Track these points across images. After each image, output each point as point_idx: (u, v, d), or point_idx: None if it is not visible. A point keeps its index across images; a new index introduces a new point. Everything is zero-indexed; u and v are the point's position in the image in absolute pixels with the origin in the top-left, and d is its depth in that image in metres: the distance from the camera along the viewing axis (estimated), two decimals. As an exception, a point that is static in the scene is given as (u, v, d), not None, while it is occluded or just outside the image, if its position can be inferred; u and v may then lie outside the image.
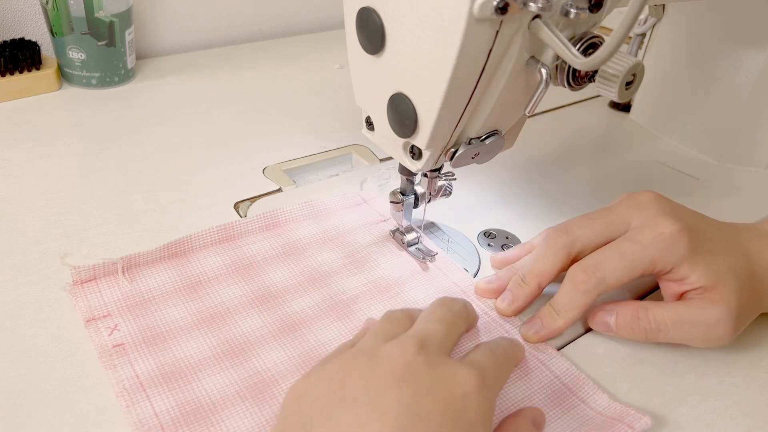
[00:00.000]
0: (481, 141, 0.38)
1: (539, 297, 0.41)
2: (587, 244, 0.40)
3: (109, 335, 0.37)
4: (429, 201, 0.45)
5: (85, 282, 0.40)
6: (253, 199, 0.51)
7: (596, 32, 0.34)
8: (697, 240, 0.38)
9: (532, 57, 0.34)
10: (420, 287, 0.44)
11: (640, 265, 0.38)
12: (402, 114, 0.36)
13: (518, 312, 0.41)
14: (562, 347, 0.41)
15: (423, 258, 0.45)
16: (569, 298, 0.39)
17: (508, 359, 0.35)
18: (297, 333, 0.39)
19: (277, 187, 0.53)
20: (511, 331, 0.41)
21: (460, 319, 0.35)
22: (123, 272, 0.41)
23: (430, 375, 0.29)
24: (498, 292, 0.42)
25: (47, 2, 0.60)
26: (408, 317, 0.35)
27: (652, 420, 0.35)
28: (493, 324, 0.41)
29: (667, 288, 0.40)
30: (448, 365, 0.30)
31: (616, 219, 0.40)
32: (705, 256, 0.38)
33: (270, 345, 0.38)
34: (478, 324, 0.40)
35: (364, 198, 0.51)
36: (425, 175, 0.43)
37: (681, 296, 0.39)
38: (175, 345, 0.37)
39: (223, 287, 0.41)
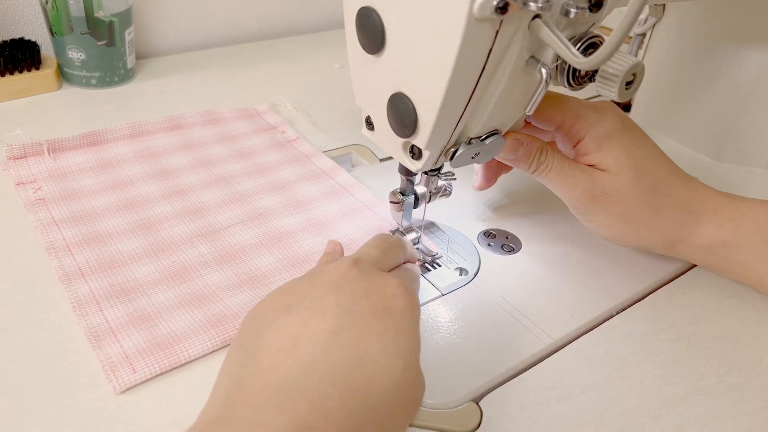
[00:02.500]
0: (481, 141, 0.38)
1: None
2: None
3: (33, 193, 0.47)
4: (429, 200, 0.45)
5: (18, 158, 0.50)
6: (253, 199, 0.51)
7: (596, 32, 0.34)
8: (623, 135, 0.43)
9: (532, 57, 0.34)
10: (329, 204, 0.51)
11: (569, 113, 0.43)
12: (402, 114, 0.36)
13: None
14: (561, 348, 0.41)
15: (423, 258, 0.45)
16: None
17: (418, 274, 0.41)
18: (199, 215, 0.48)
19: (277, 187, 0.53)
20: None
21: (395, 246, 0.38)
22: (48, 152, 0.51)
23: (363, 282, 0.33)
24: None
25: (47, 2, 0.60)
26: (342, 251, 0.42)
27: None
28: None
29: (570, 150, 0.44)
30: (379, 275, 0.34)
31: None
32: (619, 149, 0.42)
33: (174, 222, 0.47)
34: None
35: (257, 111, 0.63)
36: (426, 173, 0.43)
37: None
38: (87, 202, 0.47)
39: (131, 167, 0.52)
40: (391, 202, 0.45)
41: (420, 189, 0.44)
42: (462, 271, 0.46)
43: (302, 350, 0.29)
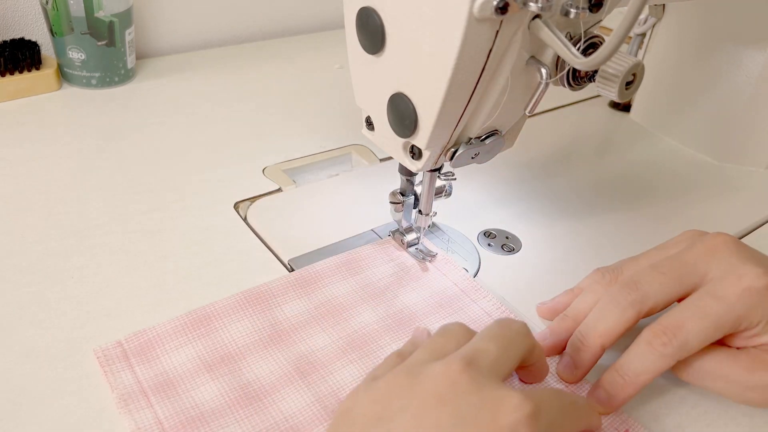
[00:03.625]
0: (481, 141, 0.38)
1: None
2: (659, 302, 0.35)
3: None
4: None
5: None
6: (253, 199, 0.51)
7: (596, 32, 0.34)
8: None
9: (532, 57, 0.34)
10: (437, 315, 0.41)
11: (726, 325, 0.33)
12: (402, 114, 0.36)
13: (581, 378, 0.37)
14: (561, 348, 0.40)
15: (423, 258, 0.45)
16: (642, 361, 0.34)
17: (576, 409, 0.31)
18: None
19: (277, 187, 0.53)
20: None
21: (519, 338, 0.31)
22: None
23: (474, 398, 0.26)
24: (554, 349, 0.38)
25: (47, 2, 0.60)
26: (464, 332, 0.32)
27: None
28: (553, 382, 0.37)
29: (735, 341, 0.35)
30: (496, 389, 0.27)
31: (690, 270, 0.35)
32: None
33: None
34: None
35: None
36: (434, 169, 0.41)
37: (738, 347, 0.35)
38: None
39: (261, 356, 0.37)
40: (391, 202, 0.45)
41: (420, 189, 0.44)
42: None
43: None
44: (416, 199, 0.45)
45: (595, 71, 0.35)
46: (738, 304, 0.33)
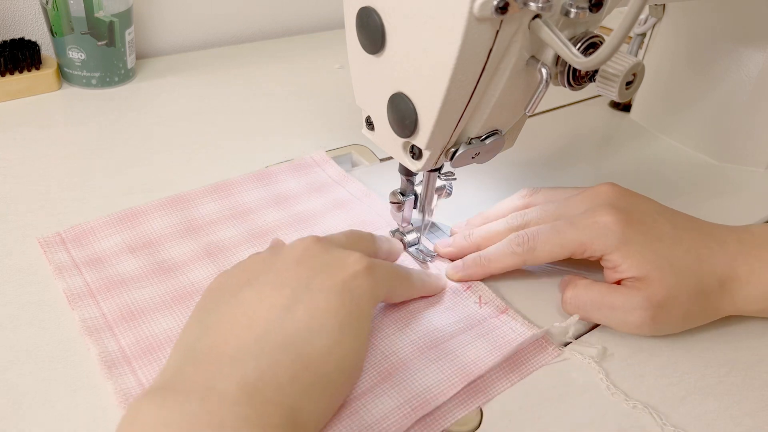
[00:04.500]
0: (482, 141, 0.38)
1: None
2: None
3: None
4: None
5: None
6: (253, 199, 0.51)
7: (596, 32, 0.34)
8: (635, 232, 0.39)
9: (533, 57, 0.34)
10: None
11: (570, 245, 0.40)
12: (402, 114, 0.36)
13: (450, 258, 0.45)
14: (563, 347, 0.41)
15: (423, 259, 0.45)
16: (499, 253, 0.42)
17: (409, 274, 0.40)
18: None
19: (277, 187, 0.53)
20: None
21: (364, 237, 0.39)
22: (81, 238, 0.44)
23: (324, 257, 0.33)
24: (449, 257, 0.45)
25: (47, 2, 0.60)
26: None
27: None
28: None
29: (606, 275, 0.41)
30: (340, 251, 0.34)
31: (572, 206, 0.42)
32: (642, 247, 0.39)
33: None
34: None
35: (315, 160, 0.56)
36: (434, 169, 0.43)
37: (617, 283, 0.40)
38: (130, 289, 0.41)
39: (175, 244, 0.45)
40: (391, 202, 0.45)
41: (420, 189, 0.44)
42: (462, 271, 0.46)
43: (257, 323, 0.30)
44: (416, 199, 0.45)
45: (596, 71, 0.35)
46: (584, 231, 0.39)
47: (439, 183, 0.44)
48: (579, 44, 0.33)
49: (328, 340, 0.30)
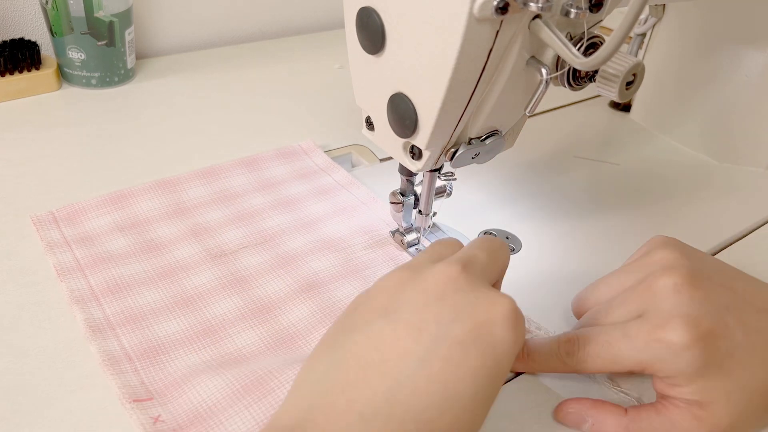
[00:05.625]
0: (482, 141, 0.38)
1: None
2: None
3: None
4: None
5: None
6: (253, 199, 0.51)
7: (596, 32, 0.34)
8: (709, 353, 0.32)
9: (533, 57, 0.34)
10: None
11: (625, 364, 0.33)
12: (402, 114, 0.36)
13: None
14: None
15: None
16: (544, 353, 0.36)
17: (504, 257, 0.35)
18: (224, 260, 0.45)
19: (277, 187, 0.53)
20: None
21: (502, 250, 0.34)
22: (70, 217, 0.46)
23: (470, 295, 0.29)
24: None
25: (47, 2, 0.60)
26: (456, 243, 0.35)
27: None
28: None
29: (656, 385, 0.34)
30: (488, 289, 0.30)
31: (622, 301, 0.35)
32: (712, 371, 0.32)
33: (200, 269, 0.44)
34: None
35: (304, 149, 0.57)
36: (434, 169, 0.42)
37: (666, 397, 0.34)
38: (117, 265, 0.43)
39: (161, 225, 0.47)
40: (391, 202, 0.45)
41: (420, 189, 0.44)
42: (462, 271, 0.46)
43: (389, 372, 0.27)
44: (416, 199, 0.45)
45: (596, 71, 0.35)
46: (644, 350, 0.32)
47: (439, 183, 0.44)
48: (579, 44, 0.33)
49: (461, 412, 0.27)
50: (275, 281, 0.43)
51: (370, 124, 0.41)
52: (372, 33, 0.35)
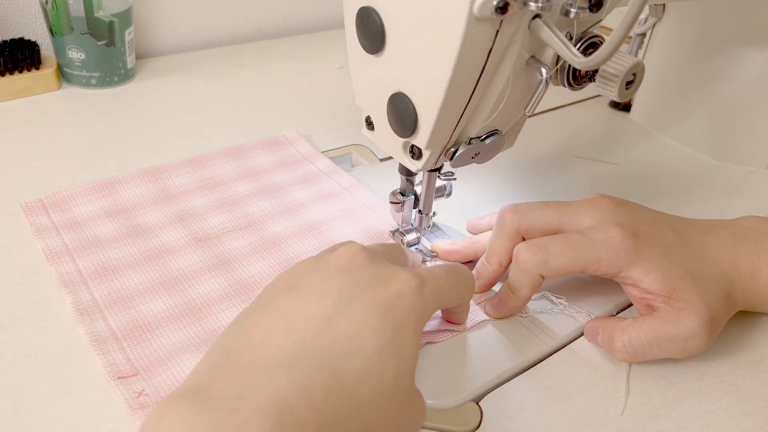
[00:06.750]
0: (482, 141, 0.38)
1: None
2: (536, 226, 0.41)
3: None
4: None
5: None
6: (253, 199, 0.51)
7: (596, 32, 0.34)
8: (647, 245, 0.38)
9: (532, 57, 0.34)
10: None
11: (586, 259, 0.38)
12: (402, 114, 0.36)
13: (483, 289, 0.43)
14: (564, 346, 0.41)
15: (423, 259, 0.45)
16: (516, 276, 0.40)
17: (459, 281, 0.36)
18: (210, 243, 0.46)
19: (277, 187, 0.53)
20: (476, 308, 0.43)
21: (398, 249, 0.38)
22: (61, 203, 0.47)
23: (371, 270, 0.31)
24: (481, 289, 0.44)
25: (47, 2, 0.60)
26: (398, 247, 0.39)
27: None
28: None
29: (629, 293, 0.40)
30: (389, 265, 0.32)
31: (570, 211, 0.41)
32: (658, 260, 0.38)
33: (185, 251, 0.44)
34: None
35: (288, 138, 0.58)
36: (434, 169, 0.43)
37: (649, 306, 0.39)
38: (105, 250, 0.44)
39: (149, 212, 0.48)
40: (391, 202, 0.45)
41: (420, 189, 0.44)
42: (462, 271, 0.46)
43: (295, 330, 0.28)
44: (416, 199, 0.45)
45: (596, 71, 0.35)
46: (600, 245, 0.38)
47: (439, 183, 0.44)
48: (579, 44, 0.33)
49: (366, 362, 0.28)
50: (258, 262, 0.44)
51: (369, 123, 0.41)
52: (372, 33, 0.35)
